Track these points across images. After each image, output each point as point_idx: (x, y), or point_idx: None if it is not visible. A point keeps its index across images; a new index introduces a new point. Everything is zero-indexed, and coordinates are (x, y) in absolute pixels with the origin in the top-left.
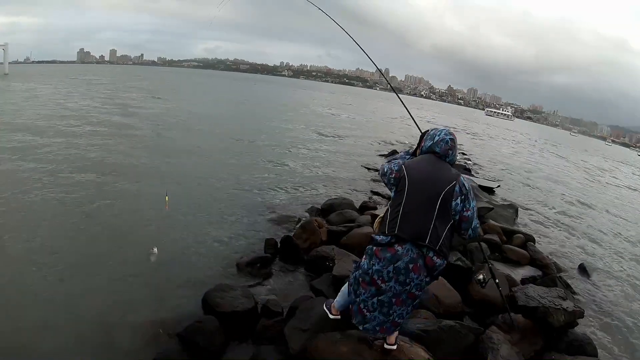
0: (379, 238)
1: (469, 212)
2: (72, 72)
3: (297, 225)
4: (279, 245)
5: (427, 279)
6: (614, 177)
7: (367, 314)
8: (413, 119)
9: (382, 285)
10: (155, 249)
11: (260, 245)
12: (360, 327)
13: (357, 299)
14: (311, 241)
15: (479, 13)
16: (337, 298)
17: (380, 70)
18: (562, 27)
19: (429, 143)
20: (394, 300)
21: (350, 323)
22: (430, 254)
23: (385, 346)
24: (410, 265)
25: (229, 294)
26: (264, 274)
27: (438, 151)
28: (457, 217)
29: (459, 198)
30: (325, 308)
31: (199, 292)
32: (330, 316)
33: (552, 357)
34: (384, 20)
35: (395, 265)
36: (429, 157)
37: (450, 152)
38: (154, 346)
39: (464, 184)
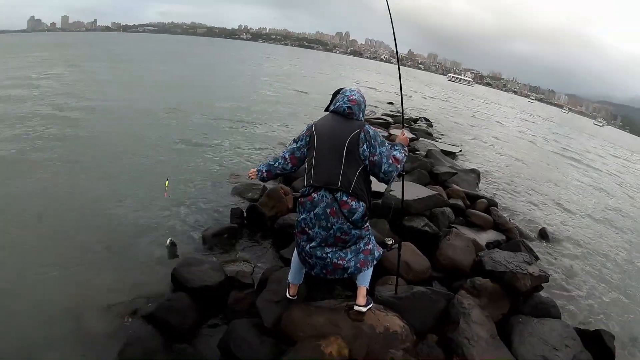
0: (301, 190)
1: (375, 157)
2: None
3: (263, 194)
4: (245, 214)
5: (349, 225)
6: (570, 143)
7: (309, 260)
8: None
9: (309, 232)
10: (169, 240)
11: (226, 216)
12: (312, 273)
13: (299, 249)
14: (277, 209)
15: None
16: (290, 268)
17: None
18: None
19: (333, 106)
20: (322, 244)
21: (323, 292)
22: (344, 197)
23: (355, 307)
24: (328, 210)
25: (198, 268)
26: (232, 244)
27: (340, 113)
28: (367, 162)
29: (365, 144)
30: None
31: (167, 268)
32: (288, 296)
33: (519, 319)
34: None
35: (315, 212)
36: (333, 115)
37: (353, 114)
38: (125, 329)
39: (368, 131)
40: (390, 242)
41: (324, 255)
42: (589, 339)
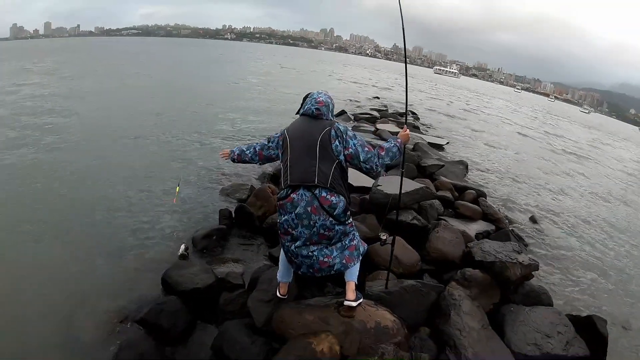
0: (279, 193)
1: (350, 149)
2: None
3: (250, 194)
4: (233, 215)
5: (332, 220)
6: (557, 132)
7: (295, 259)
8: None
9: (293, 232)
10: (183, 246)
11: (215, 217)
12: (299, 272)
13: (285, 249)
14: (265, 209)
15: None
16: (279, 268)
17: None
18: None
19: (302, 110)
20: (307, 243)
21: (313, 290)
22: (324, 193)
23: (345, 302)
24: (309, 208)
25: (188, 271)
26: (221, 246)
27: (309, 115)
28: (342, 158)
29: (337, 140)
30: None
31: (157, 272)
32: (278, 295)
33: (510, 308)
34: None
35: (296, 212)
36: (303, 118)
37: (322, 115)
38: (118, 335)
39: (338, 128)
40: (385, 237)
41: (309, 254)
42: (582, 324)
